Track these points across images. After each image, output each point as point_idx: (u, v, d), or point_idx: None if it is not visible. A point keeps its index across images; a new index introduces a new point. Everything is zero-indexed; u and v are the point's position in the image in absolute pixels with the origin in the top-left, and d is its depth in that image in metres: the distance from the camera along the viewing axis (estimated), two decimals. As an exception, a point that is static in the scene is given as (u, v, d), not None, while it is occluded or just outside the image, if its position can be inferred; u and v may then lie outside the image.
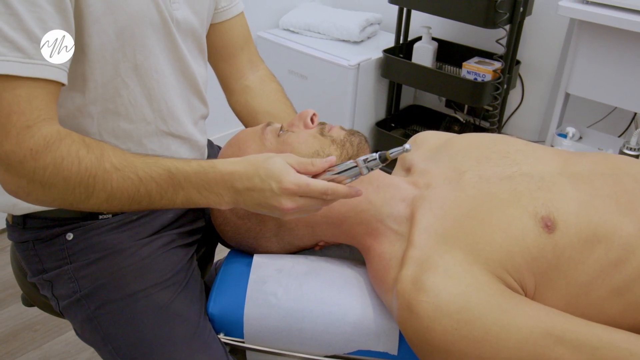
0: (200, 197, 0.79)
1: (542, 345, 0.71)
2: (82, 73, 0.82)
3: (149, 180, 0.76)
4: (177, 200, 0.79)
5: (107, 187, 0.74)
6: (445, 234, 0.81)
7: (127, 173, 0.75)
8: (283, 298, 0.89)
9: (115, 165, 0.75)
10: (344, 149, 0.92)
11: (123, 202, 0.76)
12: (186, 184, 0.78)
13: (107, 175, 0.74)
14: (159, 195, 0.77)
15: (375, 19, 2.54)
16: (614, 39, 1.81)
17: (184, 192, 0.78)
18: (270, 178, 0.76)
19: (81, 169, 0.73)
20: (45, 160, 0.71)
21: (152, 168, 0.77)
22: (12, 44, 0.69)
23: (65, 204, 0.75)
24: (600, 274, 0.77)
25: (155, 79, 0.90)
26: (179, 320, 0.90)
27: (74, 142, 0.74)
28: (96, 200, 0.75)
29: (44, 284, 0.95)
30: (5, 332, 1.74)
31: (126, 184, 0.75)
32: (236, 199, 0.79)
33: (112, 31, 0.81)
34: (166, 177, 0.77)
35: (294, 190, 0.76)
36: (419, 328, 0.75)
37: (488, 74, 2.16)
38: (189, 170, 0.78)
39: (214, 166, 0.79)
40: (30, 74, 0.70)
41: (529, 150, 0.93)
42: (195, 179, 0.78)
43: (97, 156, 0.74)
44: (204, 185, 0.78)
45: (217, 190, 0.79)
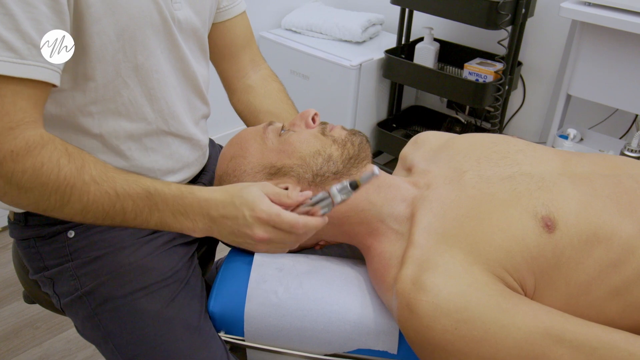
0: (174, 221, 0.79)
1: (542, 345, 0.71)
2: (83, 73, 0.82)
3: (126, 197, 0.76)
4: (151, 222, 0.79)
5: (84, 198, 0.74)
6: (446, 234, 0.81)
7: (105, 187, 0.75)
8: (283, 297, 0.89)
9: (94, 178, 0.75)
10: (345, 149, 0.93)
11: (97, 215, 0.76)
12: (162, 206, 0.78)
13: (85, 187, 0.74)
14: (134, 213, 0.77)
15: (378, 20, 2.55)
16: (615, 40, 1.81)
17: (158, 214, 0.78)
18: (244, 205, 0.78)
19: (60, 177, 0.72)
20: (24, 164, 0.71)
21: (131, 186, 0.77)
22: (5, 43, 0.69)
23: (38, 209, 0.75)
24: (600, 274, 0.78)
25: (156, 79, 0.90)
26: (179, 318, 0.90)
27: (56, 149, 0.73)
28: (70, 210, 0.74)
29: (45, 282, 0.95)
30: (6, 329, 1.75)
31: (103, 199, 0.75)
32: (210, 227, 0.80)
33: (112, 32, 0.81)
34: (144, 197, 0.77)
35: (265, 219, 0.77)
36: (418, 327, 0.75)
37: (490, 75, 2.16)
38: (167, 192, 0.79)
39: (192, 192, 0.80)
40: (19, 74, 0.70)
41: (530, 151, 0.93)
42: (172, 203, 0.79)
43: (77, 167, 0.74)
44: (180, 210, 0.79)
45: (193, 217, 0.80)
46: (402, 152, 1.10)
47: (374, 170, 0.77)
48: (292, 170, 0.90)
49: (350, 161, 0.92)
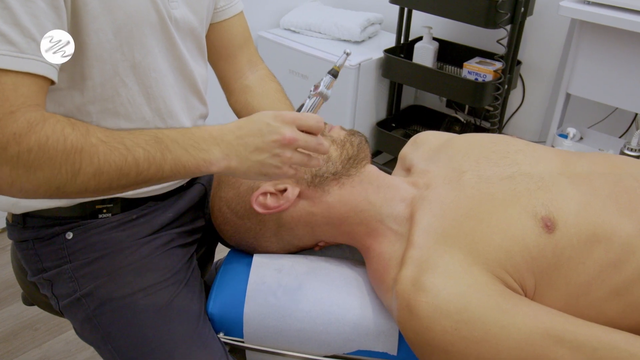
0: (188, 157, 0.75)
1: (542, 346, 0.71)
2: (80, 72, 0.82)
3: (136, 147, 0.73)
4: (166, 167, 0.74)
5: (94, 160, 0.70)
6: (445, 234, 0.81)
7: (113, 144, 0.72)
8: (283, 298, 0.89)
9: (101, 139, 0.72)
10: (344, 149, 0.92)
11: (111, 175, 0.72)
12: (173, 146, 0.75)
13: (93, 149, 0.70)
14: (147, 162, 0.73)
15: (376, 19, 2.54)
16: (615, 39, 1.81)
17: (171, 156, 0.74)
18: (264, 117, 0.78)
19: (67, 145, 0.69)
20: (29, 142, 0.68)
21: (138, 137, 0.74)
22: (4, 37, 0.68)
23: (50, 188, 0.71)
24: (600, 274, 0.77)
25: (153, 78, 0.90)
26: (178, 319, 0.90)
27: (59, 121, 0.71)
28: (83, 177, 0.70)
29: (43, 283, 0.95)
30: (5, 331, 1.75)
31: (113, 155, 0.71)
32: (227, 154, 0.76)
33: (109, 30, 0.81)
34: (152, 142, 0.74)
35: (290, 118, 0.77)
36: (418, 328, 0.75)
37: (489, 74, 2.16)
38: (175, 132, 0.76)
39: (200, 127, 0.78)
40: (19, 67, 0.69)
41: (529, 150, 0.93)
42: (182, 140, 0.76)
43: (82, 133, 0.71)
44: (192, 144, 0.76)
45: (206, 147, 0.76)
46: (402, 152, 1.10)
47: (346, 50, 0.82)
48: (291, 170, 0.90)
49: (349, 161, 0.92)
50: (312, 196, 0.91)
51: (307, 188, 0.90)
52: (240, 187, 0.93)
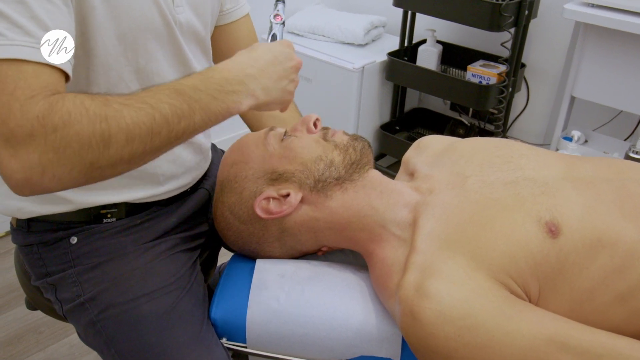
0: (217, 103, 0.75)
1: (546, 352, 0.71)
2: (85, 78, 0.82)
3: (160, 103, 0.71)
4: (196, 117, 0.73)
5: (122, 125, 0.68)
6: (448, 240, 0.81)
7: (136, 105, 0.70)
8: (285, 303, 0.88)
9: (122, 103, 0.70)
10: (347, 154, 0.92)
11: (143, 138, 0.69)
12: (197, 95, 0.74)
13: (118, 114, 0.68)
14: (176, 116, 0.71)
15: (380, 22, 2.54)
16: (619, 42, 1.81)
17: (198, 105, 0.73)
18: (274, 45, 0.87)
19: (90, 115, 0.66)
20: (53, 122, 0.65)
21: (157, 94, 0.72)
22: (21, 29, 0.67)
23: (84, 166, 0.67)
24: (605, 280, 0.77)
25: (156, 82, 0.90)
26: (181, 324, 0.90)
27: (76, 96, 0.68)
28: (115, 146, 0.68)
29: (47, 288, 0.95)
30: (10, 334, 1.75)
31: (139, 116, 0.69)
32: (254, 89, 0.80)
33: (114, 36, 0.81)
34: (174, 96, 0.72)
35: (289, 42, 0.91)
36: (421, 334, 0.75)
37: (493, 77, 2.15)
38: (191, 81, 0.75)
39: (214, 69, 0.78)
40: (39, 59, 0.67)
41: (533, 155, 0.93)
42: (204, 85, 0.75)
43: (102, 101, 0.69)
44: (217, 88, 0.75)
45: (232, 88, 0.77)
46: (405, 156, 1.09)
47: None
48: (294, 176, 0.90)
49: (352, 166, 0.92)
50: (314, 201, 0.91)
51: (309, 193, 0.90)
52: (243, 192, 0.93)
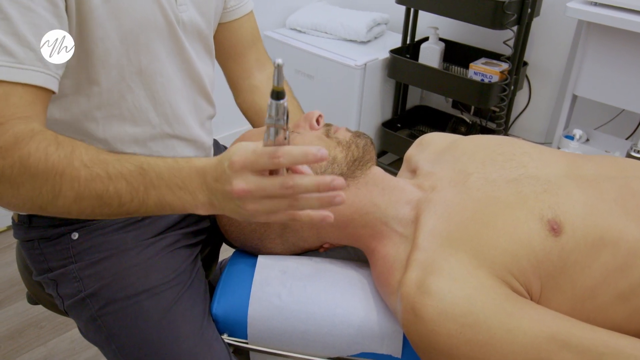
0: (173, 197, 0.70)
1: (548, 350, 0.71)
2: (86, 78, 0.82)
3: (119, 177, 0.69)
4: (149, 203, 0.70)
5: (75, 185, 0.68)
6: (450, 237, 0.81)
7: (96, 170, 0.69)
8: (287, 299, 0.88)
9: (84, 162, 0.69)
10: (350, 151, 0.92)
11: (92, 203, 0.69)
12: (158, 182, 0.69)
13: (75, 173, 0.68)
14: (130, 195, 0.69)
15: (383, 19, 2.54)
16: (622, 40, 1.80)
17: (155, 192, 0.70)
18: (225, 158, 0.66)
19: (48, 165, 0.67)
20: (12, 158, 0.67)
21: (123, 165, 0.70)
22: (2, 47, 0.68)
23: (35, 206, 0.70)
24: (607, 278, 0.77)
25: (160, 83, 0.90)
26: (182, 320, 0.90)
27: (45, 139, 0.69)
28: (64, 200, 0.69)
29: (48, 283, 0.95)
30: (11, 328, 1.75)
31: (94, 183, 0.68)
32: (210, 198, 0.69)
33: (116, 36, 0.81)
34: (137, 174, 0.69)
35: (241, 163, 0.64)
36: (423, 331, 0.75)
37: (495, 75, 2.15)
38: (162, 165, 0.70)
39: (189, 162, 0.71)
40: (17, 79, 0.68)
41: (535, 153, 0.93)
42: (167, 176, 0.70)
43: (66, 153, 0.69)
44: (178, 184, 0.69)
45: (192, 189, 0.69)
46: (407, 153, 1.09)
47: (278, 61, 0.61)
48: (296, 172, 0.89)
49: (355, 163, 0.92)
50: (317, 198, 0.90)
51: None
52: (245, 189, 0.92)
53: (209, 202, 0.70)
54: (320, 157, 0.62)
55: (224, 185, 0.66)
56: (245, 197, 0.64)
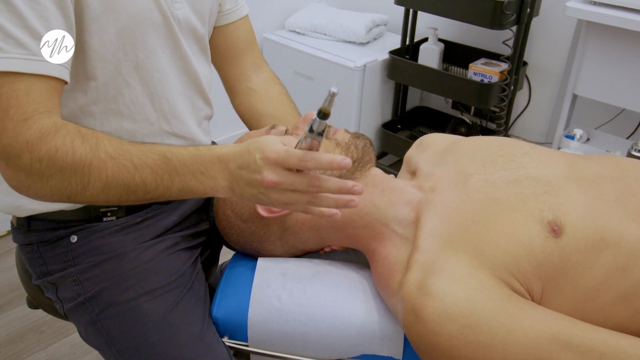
0: (196, 182, 0.76)
1: (549, 351, 0.71)
2: (83, 72, 0.82)
3: (144, 167, 0.74)
4: (173, 189, 0.76)
5: (102, 176, 0.73)
6: (451, 238, 0.80)
7: (122, 161, 0.74)
8: (287, 302, 0.88)
9: (110, 154, 0.74)
10: (349, 152, 0.92)
11: (119, 191, 0.74)
12: (182, 169, 0.75)
13: (102, 164, 0.73)
14: (155, 182, 0.75)
15: (382, 20, 2.54)
16: (621, 39, 1.80)
17: (179, 179, 0.75)
18: (256, 150, 0.72)
19: (75, 159, 0.72)
20: (40, 152, 0.71)
21: (147, 154, 0.75)
22: (15, 40, 0.69)
23: (63, 196, 0.74)
24: (608, 279, 0.77)
25: (157, 78, 0.90)
26: (182, 323, 0.89)
27: (69, 132, 0.73)
28: (92, 190, 0.74)
29: (48, 287, 0.95)
30: (11, 333, 1.75)
31: (121, 172, 0.73)
32: (231, 183, 0.75)
33: (112, 30, 0.81)
34: (161, 163, 0.75)
35: (274, 159, 0.71)
36: (424, 333, 0.74)
37: (495, 75, 2.15)
38: (184, 154, 0.76)
39: (210, 149, 0.76)
40: (33, 70, 0.70)
41: (536, 154, 0.92)
42: (191, 163, 0.75)
43: (91, 146, 0.73)
44: (200, 169, 0.75)
45: (213, 174, 0.75)
46: (407, 154, 1.09)
47: (332, 89, 0.67)
48: (295, 174, 0.89)
49: (354, 165, 0.91)
50: (316, 199, 0.90)
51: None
52: (244, 190, 0.92)
53: (229, 186, 0.76)
54: (344, 166, 0.70)
55: (253, 174, 0.72)
56: (274, 187, 0.72)
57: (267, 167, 0.72)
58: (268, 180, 0.71)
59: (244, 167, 0.74)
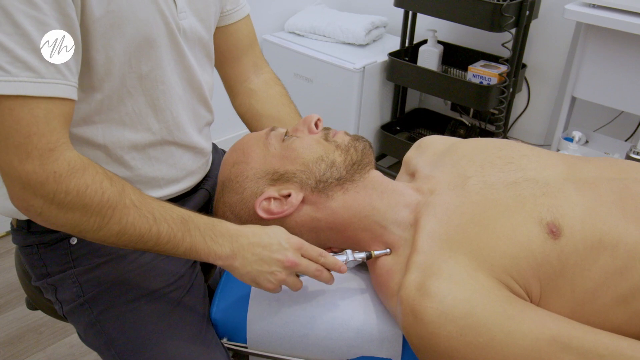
0: (204, 246, 0.81)
1: (548, 352, 0.71)
2: (89, 86, 0.82)
3: (162, 221, 0.78)
4: (181, 247, 0.80)
5: (123, 221, 0.75)
6: (450, 240, 0.81)
7: (144, 211, 0.77)
8: (286, 303, 0.88)
9: (134, 202, 0.77)
10: (348, 155, 0.92)
11: (133, 238, 0.77)
12: (195, 232, 0.80)
13: (125, 210, 0.76)
14: (167, 237, 0.78)
15: (381, 22, 2.54)
16: (620, 42, 1.80)
17: (190, 239, 0.80)
18: (279, 236, 0.84)
19: (103, 199, 0.74)
20: (68, 185, 0.72)
21: (167, 212, 0.79)
22: (23, 64, 0.69)
23: (74, 230, 0.76)
24: (606, 281, 0.77)
25: (160, 90, 0.89)
26: (182, 325, 0.90)
27: (98, 172, 0.75)
28: (107, 232, 0.76)
29: (47, 288, 0.95)
30: (10, 334, 1.75)
31: (141, 222, 0.77)
32: (234, 252, 0.82)
33: (119, 45, 0.81)
34: (179, 222, 0.79)
35: (298, 245, 0.84)
36: (423, 334, 0.74)
37: (494, 78, 2.15)
38: (200, 220, 0.82)
39: (222, 222, 0.84)
40: (43, 93, 0.70)
41: (534, 156, 0.93)
42: (204, 229, 0.81)
43: (119, 190, 0.76)
44: (210, 235, 0.81)
45: (221, 242, 0.82)
46: (406, 156, 1.09)
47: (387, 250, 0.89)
48: (295, 176, 0.90)
49: (354, 167, 0.91)
50: (316, 201, 0.90)
51: (311, 193, 0.90)
52: (244, 193, 0.92)
53: (231, 254, 0.82)
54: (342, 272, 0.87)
55: (274, 253, 0.82)
56: (291, 268, 0.83)
57: (293, 251, 0.83)
58: (291, 260, 0.82)
59: (259, 245, 0.83)
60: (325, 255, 0.86)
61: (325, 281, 0.86)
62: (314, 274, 0.85)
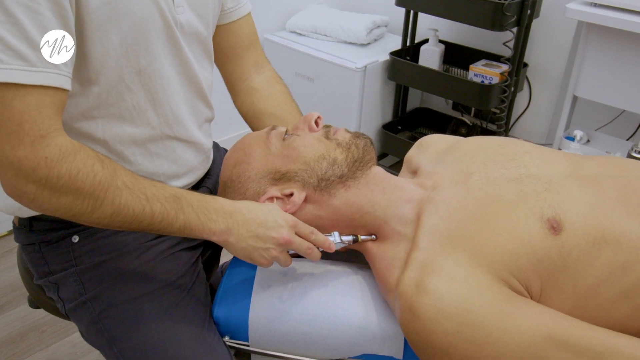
0: (198, 222, 0.82)
1: (545, 349, 0.71)
2: (86, 78, 0.82)
3: (155, 200, 0.79)
4: (175, 225, 0.80)
5: (116, 202, 0.76)
6: (450, 236, 0.81)
7: (136, 192, 0.78)
8: (288, 301, 0.88)
9: (126, 183, 0.77)
10: (350, 152, 0.92)
11: (126, 219, 0.77)
12: (188, 209, 0.81)
13: (117, 192, 0.76)
14: (161, 216, 0.79)
15: (382, 22, 2.54)
16: (622, 41, 1.80)
17: (184, 217, 0.81)
18: (274, 213, 0.85)
19: (95, 182, 0.74)
20: (60, 170, 0.72)
21: (159, 190, 0.80)
22: (14, 52, 0.69)
23: (68, 214, 0.76)
24: (609, 276, 0.77)
25: (159, 84, 0.90)
26: (183, 323, 0.90)
27: (89, 155, 0.76)
28: (100, 214, 0.76)
29: (49, 286, 0.95)
30: (12, 333, 1.75)
31: (134, 202, 0.77)
32: (229, 228, 0.83)
33: (115, 38, 0.81)
34: (171, 200, 0.80)
35: (293, 223, 0.85)
36: (420, 330, 0.75)
37: (495, 77, 2.15)
38: (192, 197, 0.83)
39: (215, 198, 0.85)
40: (34, 81, 0.70)
41: (537, 153, 0.93)
42: (197, 205, 0.82)
43: (110, 172, 0.76)
44: (204, 212, 0.82)
45: (215, 218, 0.82)
46: (407, 155, 1.09)
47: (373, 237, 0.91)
48: (297, 175, 0.90)
49: (355, 164, 0.91)
50: (318, 200, 0.91)
51: (313, 192, 0.90)
52: (246, 193, 0.93)
53: (226, 231, 0.83)
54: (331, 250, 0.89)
55: (270, 230, 0.84)
56: (285, 245, 0.84)
57: (288, 228, 0.84)
58: (286, 238, 0.84)
59: (255, 221, 0.84)
60: (316, 232, 0.87)
61: (314, 259, 0.88)
62: (305, 252, 0.86)
